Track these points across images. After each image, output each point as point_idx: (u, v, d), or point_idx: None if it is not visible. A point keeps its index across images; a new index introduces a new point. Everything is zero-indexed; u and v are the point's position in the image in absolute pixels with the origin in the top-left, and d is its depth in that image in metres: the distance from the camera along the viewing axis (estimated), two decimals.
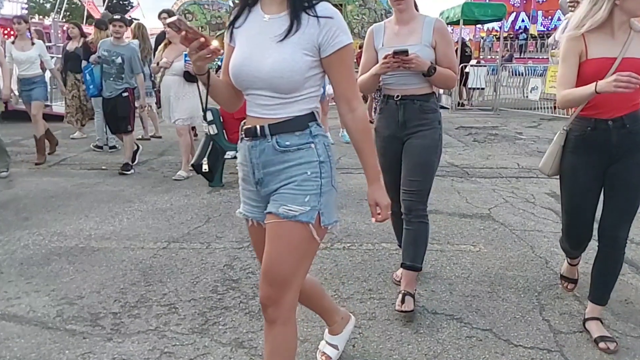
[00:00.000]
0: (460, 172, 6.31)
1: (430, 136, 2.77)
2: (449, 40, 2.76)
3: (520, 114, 12.44)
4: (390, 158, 2.89)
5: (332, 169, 1.78)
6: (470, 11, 12.39)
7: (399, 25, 2.79)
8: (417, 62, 2.58)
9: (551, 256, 3.68)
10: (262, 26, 1.72)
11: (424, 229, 2.86)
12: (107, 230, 4.17)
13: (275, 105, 1.71)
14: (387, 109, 2.86)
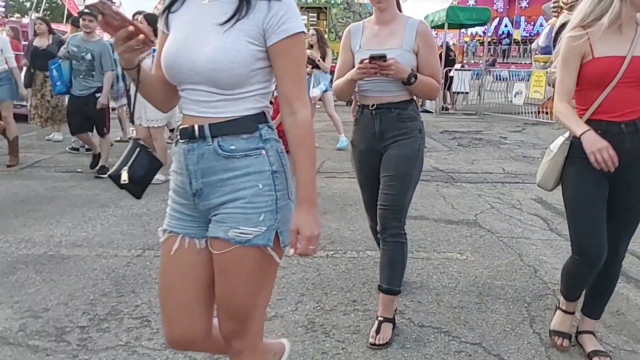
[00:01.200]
0: (445, 177, 6.22)
1: (409, 146, 2.50)
2: (432, 46, 2.52)
3: (504, 118, 12.44)
4: (368, 173, 2.65)
5: (288, 179, 1.51)
6: (455, 15, 12.36)
7: (379, 26, 2.54)
8: (396, 69, 2.32)
9: (540, 265, 3.58)
10: (201, 10, 1.46)
11: (400, 249, 2.56)
12: (79, 237, 3.98)
13: (216, 102, 1.45)
14: (362, 119, 2.60)
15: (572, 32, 2.23)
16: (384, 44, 2.46)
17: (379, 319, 2.59)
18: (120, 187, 1.66)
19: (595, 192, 2.27)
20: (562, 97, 2.28)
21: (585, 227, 2.29)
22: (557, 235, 4.19)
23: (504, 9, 35.66)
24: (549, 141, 8.66)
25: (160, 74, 1.57)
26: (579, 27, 2.22)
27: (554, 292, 3.15)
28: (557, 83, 2.30)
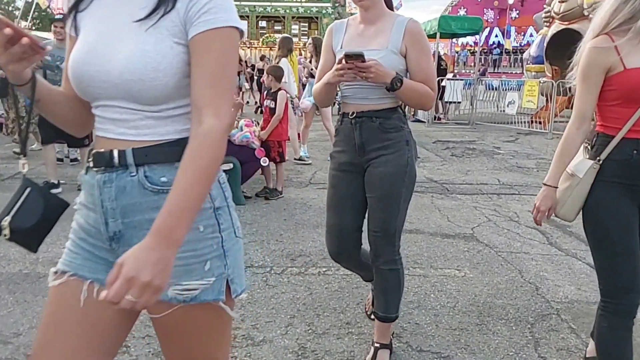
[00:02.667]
0: (439, 188, 6.07)
1: (395, 161, 2.18)
2: (423, 47, 2.19)
3: (497, 128, 12.36)
4: (342, 191, 2.31)
5: (232, 213, 1.24)
6: (447, 24, 12.30)
7: (364, 25, 2.24)
8: (376, 71, 2.01)
9: (541, 281, 3.42)
10: (116, 5, 1.15)
11: (395, 277, 2.31)
12: (58, 254, 3.74)
13: (139, 121, 1.14)
14: (342, 129, 2.29)
15: (596, 41, 1.90)
16: (368, 44, 2.16)
17: (375, 345, 2.41)
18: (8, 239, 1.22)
19: (632, 223, 1.97)
20: (577, 121, 1.97)
21: (627, 264, 1.95)
22: (557, 249, 4.04)
23: (495, 19, 35.91)
24: (543, 151, 8.58)
25: (68, 89, 1.24)
26: (602, 34, 1.89)
27: (558, 312, 3.00)
28: (575, 101, 1.98)
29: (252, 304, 3.01)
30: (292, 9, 38.97)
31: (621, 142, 1.90)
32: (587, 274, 3.56)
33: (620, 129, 1.90)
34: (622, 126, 1.89)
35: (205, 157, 1.07)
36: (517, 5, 35.37)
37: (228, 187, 1.25)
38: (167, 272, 1.01)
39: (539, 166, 7.59)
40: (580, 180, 1.96)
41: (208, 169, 1.07)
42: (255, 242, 4.07)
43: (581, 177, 1.96)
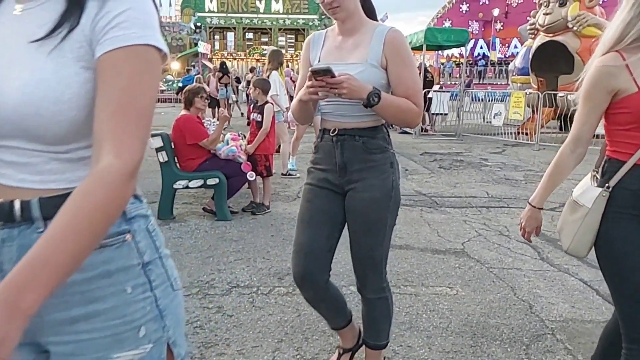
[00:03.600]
0: (428, 202, 6.01)
1: (380, 186, 2.02)
2: (405, 59, 1.98)
3: (483, 139, 12.39)
4: (318, 206, 2.10)
5: (167, 263, 1.06)
6: (433, 36, 12.35)
7: (342, 36, 2.05)
8: (349, 87, 1.82)
9: (534, 299, 3.35)
10: (12, 24, 0.93)
11: (384, 305, 2.20)
12: None
13: (43, 165, 0.93)
14: (322, 146, 2.10)
15: (604, 59, 1.70)
16: (347, 58, 2.00)
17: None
18: None
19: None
20: (572, 144, 1.82)
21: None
22: (549, 265, 3.98)
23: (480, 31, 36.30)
24: (530, 163, 8.56)
25: None
26: (613, 51, 1.69)
27: (553, 332, 2.92)
28: (575, 122, 1.83)
29: (237, 327, 2.89)
30: (279, 21, 39.10)
31: (633, 168, 1.72)
32: (581, 290, 3.49)
33: (632, 154, 1.72)
34: (634, 151, 1.71)
35: (91, 203, 0.84)
36: (501, 17, 35.84)
37: (159, 234, 1.06)
38: (10, 338, 0.75)
39: (527, 178, 7.58)
40: (588, 211, 1.77)
41: (94, 218, 0.83)
42: (242, 260, 3.95)
43: (590, 207, 1.77)
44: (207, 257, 3.99)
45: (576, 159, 1.85)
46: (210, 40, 38.85)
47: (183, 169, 5.06)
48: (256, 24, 39.37)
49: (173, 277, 1.08)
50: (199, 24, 38.81)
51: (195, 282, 3.51)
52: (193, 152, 4.99)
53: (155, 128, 11.67)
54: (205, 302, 3.20)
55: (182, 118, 5.02)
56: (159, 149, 4.90)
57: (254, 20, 39.20)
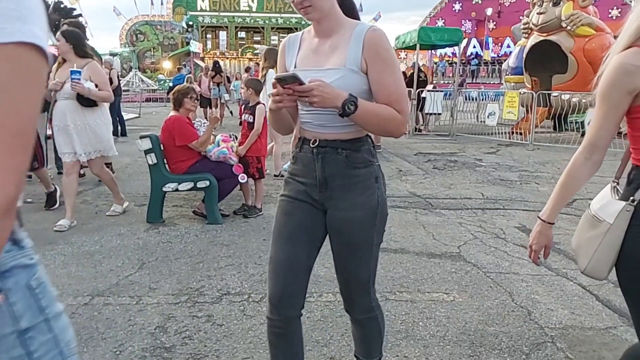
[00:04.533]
0: (423, 203, 5.92)
1: (365, 204, 1.83)
2: (386, 60, 1.75)
3: (477, 139, 12.33)
4: (298, 220, 1.90)
5: (56, 325, 0.87)
6: (426, 36, 12.27)
7: (319, 38, 1.85)
8: (321, 94, 1.63)
9: (533, 305, 3.27)
10: None
11: (375, 324, 2.07)
12: None
13: None
14: (302, 157, 1.90)
15: (626, 55, 1.52)
16: (324, 63, 1.80)
17: None
18: None
19: None
20: (587, 150, 1.63)
21: None
22: (546, 269, 3.90)
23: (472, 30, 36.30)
24: (525, 163, 8.48)
25: None
26: (635, 46, 1.51)
27: (553, 340, 2.83)
28: (590, 126, 1.64)
29: (228, 337, 2.78)
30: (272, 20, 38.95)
31: None
32: (580, 296, 3.42)
33: None
34: None
35: None
36: (494, 16, 35.86)
37: (47, 289, 0.87)
38: None
39: (522, 179, 7.52)
40: (610, 227, 1.59)
41: None
42: (232, 265, 3.85)
43: (611, 223, 1.59)
44: (197, 263, 3.88)
45: (591, 167, 1.64)
46: (203, 39, 38.64)
47: (173, 171, 4.94)
48: (248, 23, 39.19)
49: (65, 341, 0.88)
50: (191, 22, 38.57)
51: (185, 289, 3.40)
52: (183, 154, 4.88)
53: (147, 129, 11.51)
54: (195, 311, 3.09)
55: (172, 119, 4.90)
56: (147, 151, 4.78)
57: (247, 19, 39.02)
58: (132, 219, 5.07)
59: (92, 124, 4.73)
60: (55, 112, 4.75)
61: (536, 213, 1.93)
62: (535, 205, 5.87)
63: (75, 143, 4.68)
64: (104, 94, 4.72)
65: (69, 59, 4.65)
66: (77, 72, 4.42)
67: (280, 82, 1.65)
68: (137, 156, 8.03)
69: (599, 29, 11.77)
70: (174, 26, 39.60)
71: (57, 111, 4.72)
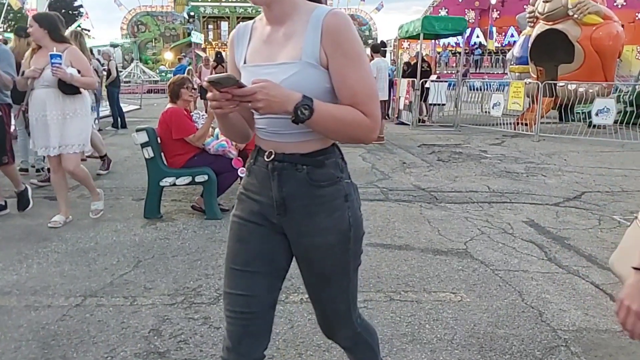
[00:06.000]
0: (428, 197, 5.77)
1: (334, 228, 1.54)
2: (348, 51, 1.44)
3: (482, 130, 12.16)
4: (255, 248, 1.59)
5: None
6: (430, 25, 12.05)
7: (271, 26, 1.54)
8: (265, 98, 1.35)
9: (544, 305, 3.13)
10: None
11: (365, 346, 1.84)
12: (9, 281, 3.38)
13: None
14: (255, 172, 1.59)
15: None
16: (277, 56, 1.49)
17: None
18: None
19: None
20: None
21: None
22: (557, 266, 3.75)
23: (476, 20, 35.92)
24: (531, 154, 8.32)
25: None
26: None
27: (567, 343, 2.70)
28: None
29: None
30: None
31: None
32: (593, 295, 3.28)
33: None
34: None
35: None
36: (498, 5, 35.45)
37: None
38: None
39: (529, 171, 7.36)
40: None
41: None
42: None
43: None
44: (195, 261, 3.75)
45: None
46: (204, 30, 38.34)
47: (170, 165, 4.80)
48: (250, 13, 38.81)
49: None
50: (192, 13, 38.25)
51: (181, 289, 3.27)
52: (180, 148, 4.73)
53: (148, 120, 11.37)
54: (191, 312, 2.96)
55: (169, 111, 4.75)
56: (144, 144, 4.63)
57: (248, 9, 38.66)
58: (130, 214, 4.93)
59: (71, 114, 4.33)
60: (33, 102, 4.32)
61: (544, 207, 1.72)
62: (542, 198, 5.72)
63: (50, 135, 4.29)
64: (87, 80, 4.33)
65: (44, 44, 4.25)
66: (57, 55, 4.05)
67: (214, 85, 1.34)
68: (137, 149, 7.84)
69: (607, 17, 11.55)
70: (176, 17, 39.30)
71: (35, 101, 4.30)
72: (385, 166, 7.59)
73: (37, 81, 4.24)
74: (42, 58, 4.23)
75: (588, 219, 4.94)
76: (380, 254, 3.92)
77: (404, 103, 12.99)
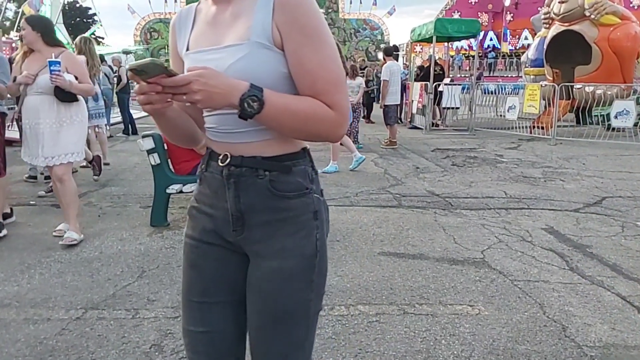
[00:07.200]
0: (442, 203, 5.60)
1: (297, 249, 1.26)
2: (306, 29, 1.18)
3: (497, 134, 11.94)
4: (208, 277, 1.34)
5: None
6: (443, 27, 11.88)
7: (217, 6, 1.30)
8: (204, 90, 1.11)
9: (567, 319, 2.95)
10: None
11: None
12: (9, 293, 3.27)
13: None
14: (208, 179, 1.33)
15: None
16: (223, 39, 1.25)
17: None
18: None
19: None
20: None
21: None
22: (579, 276, 3.57)
23: (489, 23, 35.62)
24: (548, 158, 8.12)
25: None
26: None
27: None
28: None
29: None
30: None
31: None
32: (620, 308, 3.09)
33: None
34: None
35: None
36: (511, 8, 35.14)
37: None
38: None
39: (546, 175, 7.15)
40: None
41: None
42: None
43: None
44: None
45: None
46: None
47: (177, 172, 4.70)
48: None
49: None
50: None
51: None
52: (187, 154, 4.62)
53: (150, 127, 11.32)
54: None
55: None
56: (150, 150, 4.54)
57: None
58: (136, 222, 4.83)
59: (68, 121, 4.09)
60: (25, 109, 4.09)
61: (563, 213, 1.62)
62: (562, 204, 5.52)
63: (44, 145, 4.03)
64: (85, 87, 4.14)
65: (37, 48, 4.03)
66: (56, 62, 3.84)
67: (138, 75, 1.08)
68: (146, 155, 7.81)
69: (625, 18, 11.29)
70: None
71: (28, 108, 4.07)
72: (398, 171, 7.43)
73: (30, 87, 4.02)
74: (34, 62, 4.04)
75: (610, 226, 4.73)
76: (393, 263, 3.77)
77: (417, 107, 12.81)
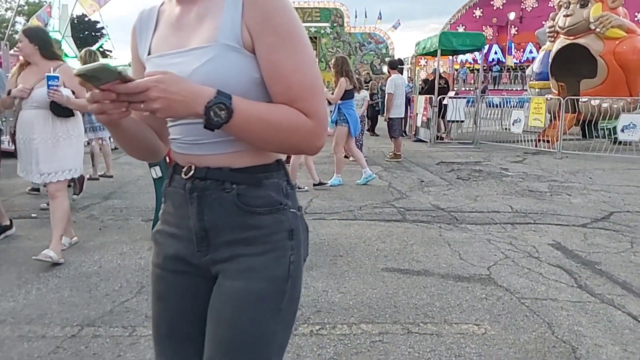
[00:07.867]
0: (447, 217, 5.52)
1: (266, 271, 1.13)
2: (279, 26, 1.07)
3: (502, 147, 11.87)
4: (175, 309, 1.23)
5: None
6: (448, 41, 11.86)
7: (181, 6, 1.19)
8: (164, 97, 0.99)
9: (577, 340, 2.85)
10: None
11: None
12: (5, 309, 3.21)
13: None
14: (171, 195, 1.22)
15: None
16: (188, 42, 1.14)
17: None
18: None
19: None
20: None
21: None
22: (588, 294, 3.47)
23: (494, 36, 35.69)
24: (554, 172, 8.03)
25: None
26: None
27: None
28: None
29: None
30: None
31: None
32: (631, 328, 2.99)
33: None
34: None
35: None
36: (516, 22, 35.23)
37: None
38: None
39: (552, 190, 7.06)
40: None
41: None
42: None
43: None
44: None
45: None
46: None
47: None
48: None
49: None
50: None
51: None
52: None
53: None
54: None
55: None
56: (151, 163, 4.48)
57: None
58: (137, 235, 4.77)
59: (65, 136, 3.98)
60: (20, 123, 3.96)
61: (570, 228, 1.58)
62: (568, 219, 5.43)
63: (39, 161, 3.89)
64: (82, 102, 3.92)
65: (34, 62, 3.93)
66: (54, 77, 3.71)
67: (89, 81, 0.96)
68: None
69: (630, 31, 11.25)
70: None
71: (23, 123, 3.94)
72: (403, 185, 7.36)
73: (26, 101, 3.90)
74: (31, 76, 3.94)
75: (619, 242, 4.64)
76: (397, 280, 3.68)
77: (422, 120, 12.77)
